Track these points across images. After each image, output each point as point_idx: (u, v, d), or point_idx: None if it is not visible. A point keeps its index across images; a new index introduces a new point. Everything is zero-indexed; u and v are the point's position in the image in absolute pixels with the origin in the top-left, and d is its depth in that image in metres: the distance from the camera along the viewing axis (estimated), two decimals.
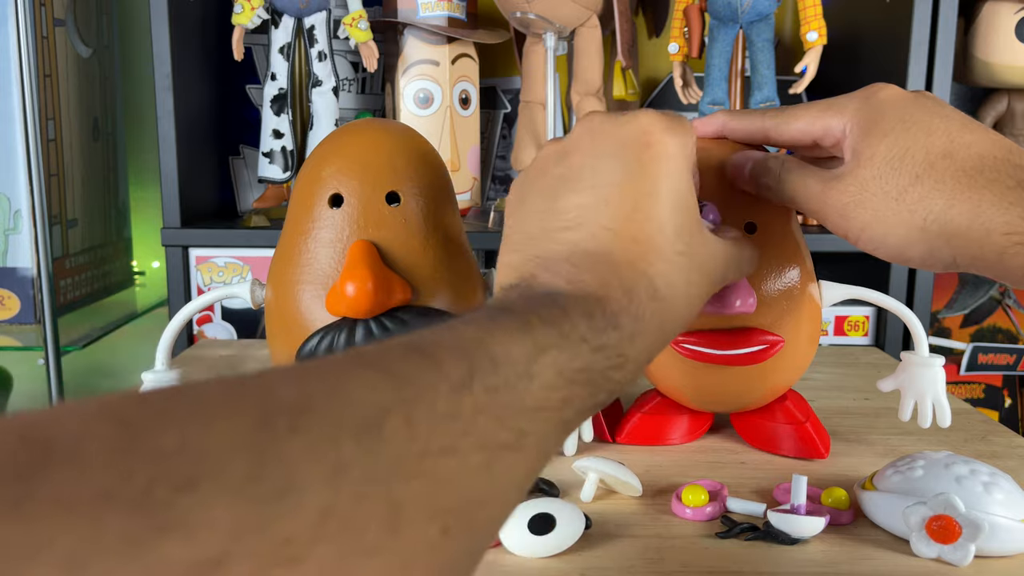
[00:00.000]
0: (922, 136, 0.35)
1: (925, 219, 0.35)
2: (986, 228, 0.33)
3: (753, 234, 0.46)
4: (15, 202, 0.94)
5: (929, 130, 0.36)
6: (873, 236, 0.37)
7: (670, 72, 1.08)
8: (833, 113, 0.39)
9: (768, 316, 0.47)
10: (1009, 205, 0.33)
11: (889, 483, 0.42)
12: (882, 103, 0.38)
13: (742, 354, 0.47)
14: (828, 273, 0.51)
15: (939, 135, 0.35)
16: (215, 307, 0.93)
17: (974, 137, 0.35)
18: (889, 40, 0.92)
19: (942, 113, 0.36)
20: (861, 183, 0.36)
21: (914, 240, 0.35)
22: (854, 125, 0.38)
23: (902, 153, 0.36)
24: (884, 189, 0.36)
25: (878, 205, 0.36)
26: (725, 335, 0.47)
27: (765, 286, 0.47)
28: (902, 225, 0.35)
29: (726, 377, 0.49)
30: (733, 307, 0.44)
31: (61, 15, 0.98)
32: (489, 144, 1.13)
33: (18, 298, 0.95)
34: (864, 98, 0.38)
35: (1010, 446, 0.55)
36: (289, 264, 0.46)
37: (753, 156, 0.44)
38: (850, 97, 0.39)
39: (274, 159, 0.91)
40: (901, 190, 0.35)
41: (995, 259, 0.33)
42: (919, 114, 0.36)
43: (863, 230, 0.37)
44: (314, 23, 0.90)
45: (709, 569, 0.39)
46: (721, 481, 0.47)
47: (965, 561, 0.39)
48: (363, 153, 0.46)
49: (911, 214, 0.35)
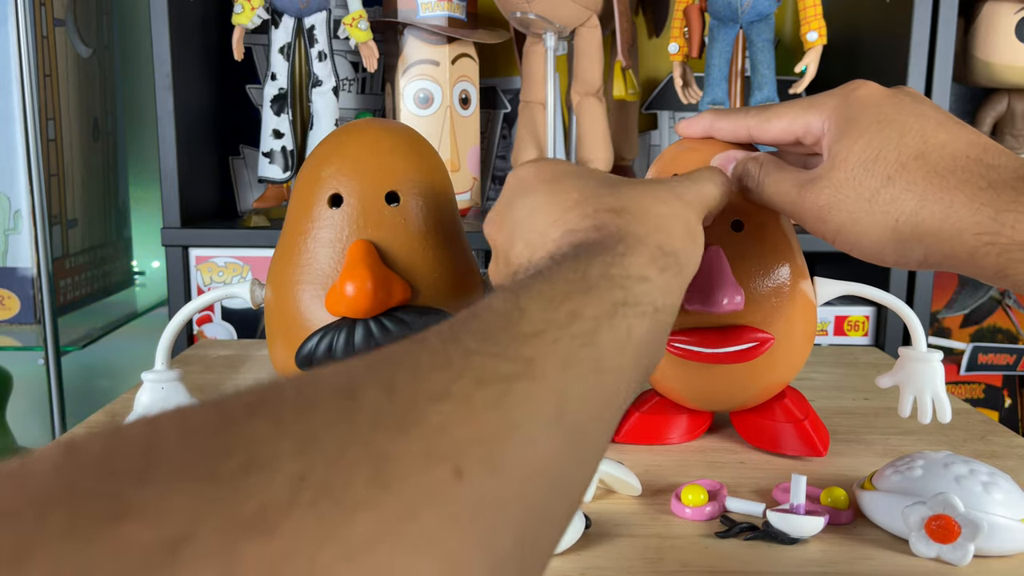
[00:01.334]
0: (895, 136, 0.36)
1: (897, 220, 0.35)
2: (957, 228, 0.33)
3: (740, 232, 0.47)
4: (15, 202, 0.94)
5: (903, 130, 0.36)
6: (848, 237, 0.37)
7: (670, 72, 1.09)
8: (813, 111, 0.39)
9: (758, 313, 0.47)
10: (980, 206, 0.33)
11: (888, 483, 0.43)
12: (859, 101, 0.38)
13: (732, 352, 0.47)
14: (828, 271, 0.51)
15: (913, 135, 0.36)
16: (215, 307, 0.93)
17: (948, 136, 0.35)
18: (889, 40, 0.92)
19: (918, 111, 0.36)
20: (835, 185, 0.37)
21: (887, 240, 0.36)
22: (831, 124, 0.38)
23: (875, 155, 0.36)
24: (857, 191, 0.36)
25: (852, 207, 0.36)
26: (715, 333, 0.47)
27: (754, 284, 0.47)
28: (875, 226, 0.36)
29: (719, 375, 0.49)
30: (720, 305, 0.44)
31: (61, 15, 0.98)
32: (489, 144, 1.13)
33: (18, 298, 0.95)
34: (843, 96, 0.39)
35: (1010, 446, 0.55)
36: (289, 264, 0.46)
37: (735, 157, 0.44)
38: (830, 94, 0.39)
39: (274, 159, 0.91)
40: (874, 192, 0.36)
41: (967, 258, 0.34)
42: (894, 113, 0.37)
43: (839, 232, 0.37)
44: (314, 23, 0.90)
45: (709, 569, 0.39)
46: (720, 481, 0.47)
47: (964, 561, 0.39)
48: (363, 153, 0.46)
49: (884, 215, 0.35)
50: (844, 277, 0.52)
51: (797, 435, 0.52)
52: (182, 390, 0.52)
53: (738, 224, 0.47)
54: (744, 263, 0.47)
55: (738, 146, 0.45)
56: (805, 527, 0.41)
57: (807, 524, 0.41)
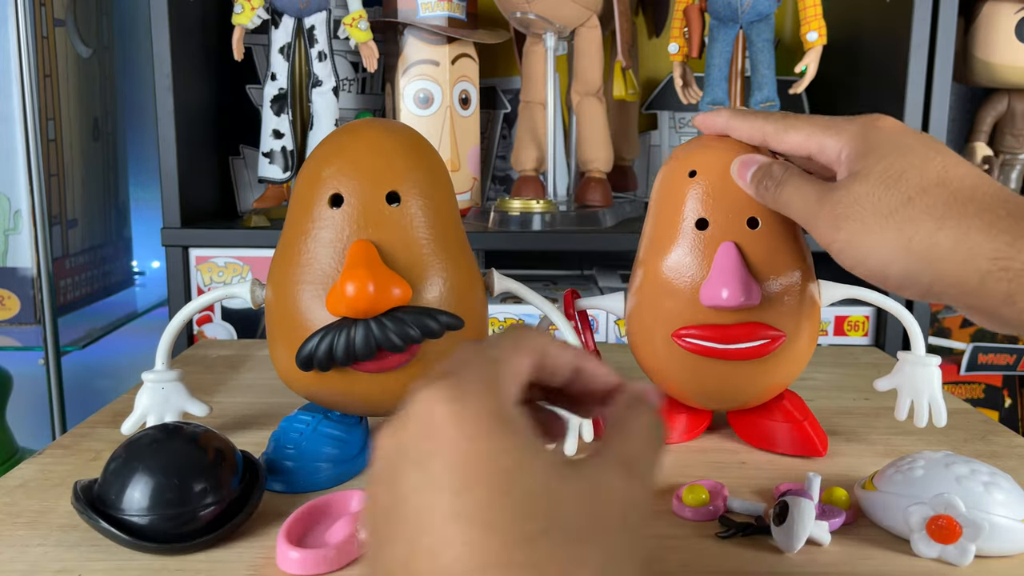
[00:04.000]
0: (918, 162, 0.36)
1: (911, 239, 0.35)
2: (972, 253, 0.34)
3: (755, 229, 0.47)
4: (15, 202, 0.94)
5: (925, 158, 0.37)
6: (857, 251, 0.37)
7: (670, 72, 1.09)
8: (831, 133, 0.40)
9: (770, 311, 0.47)
10: (998, 232, 0.33)
11: (889, 483, 0.42)
12: (881, 130, 0.39)
13: (744, 348, 0.47)
14: (830, 274, 0.51)
15: (934, 164, 0.36)
16: (215, 307, 0.93)
17: (967, 171, 0.36)
18: (889, 40, 0.92)
19: (937, 147, 0.37)
20: (855, 197, 0.37)
21: (897, 259, 0.36)
22: (851, 148, 0.39)
23: (897, 175, 0.36)
24: (876, 206, 0.36)
25: (868, 219, 0.36)
26: (727, 329, 0.47)
27: (768, 281, 0.47)
28: (888, 242, 0.36)
29: (726, 372, 0.49)
30: (737, 301, 0.44)
31: (61, 15, 0.98)
32: (489, 144, 1.13)
33: (18, 298, 0.95)
34: (864, 123, 0.40)
35: (1010, 446, 0.55)
36: (289, 264, 0.46)
37: (759, 160, 0.45)
38: (850, 120, 0.40)
39: (274, 159, 0.91)
40: (892, 209, 0.36)
41: (976, 283, 0.34)
42: (916, 144, 0.37)
43: (848, 242, 0.37)
44: (314, 23, 0.90)
45: (709, 569, 0.39)
46: (721, 481, 0.47)
47: (965, 561, 0.39)
48: (363, 153, 0.46)
49: (898, 232, 0.35)
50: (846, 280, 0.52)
51: (796, 435, 0.52)
52: (182, 390, 0.52)
53: (754, 221, 0.47)
54: (759, 260, 0.47)
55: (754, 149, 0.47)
56: (816, 531, 0.40)
57: (818, 529, 0.40)
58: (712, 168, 0.47)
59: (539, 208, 0.88)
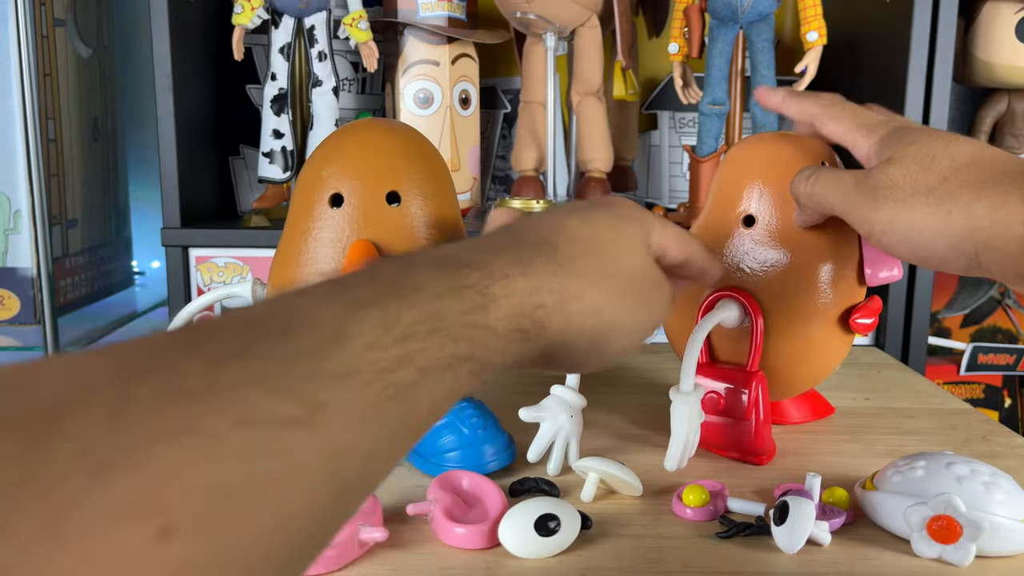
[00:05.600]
0: (948, 147, 0.38)
1: (950, 211, 0.36)
2: (1008, 220, 0.34)
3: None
4: (15, 202, 0.94)
5: (954, 143, 0.38)
6: (899, 229, 0.38)
7: (670, 72, 1.08)
8: (864, 132, 0.42)
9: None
10: None
11: (890, 483, 0.42)
12: (910, 126, 0.41)
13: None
14: None
15: (964, 148, 0.38)
16: (215, 307, 0.93)
17: (997, 152, 0.38)
18: (889, 40, 0.92)
19: (964, 139, 0.39)
20: (892, 179, 0.38)
21: (939, 232, 0.36)
22: (880, 145, 0.41)
23: (930, 157, 0.38)
24: (914, 185, 0.37)
25: (906, 198, 0.37)
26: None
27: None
28: (928, 217, 0.37)
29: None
30: (876, 278, 0.50)
31: (61, 15, 0.98)
32: (489, 144, 1.13)
33: (18, 298, 0.95)
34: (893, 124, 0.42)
35: (1010, 446, 0.55)
36: (289, 264, 0.46)
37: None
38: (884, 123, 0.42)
39: (274, 159, 0.90)
40: (930, 186, 0.37)
41: (1015, 249, 0.34)
42: (944, 134, 0.39)
43: (891, 221, 0.38)
44: (314, 23, 0.90)
45: (709, 569, 0.39)
46: (721, 481, 0.47)
47: (966, 561, 0.39)
48: (363, 153, 0.46)
49: (937, 207, 0.36)
50: None
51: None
52: None
53: None
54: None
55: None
56: (817, 531, 0.40)
57: (818, 530, 0.40)
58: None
59: (539, 208, 0.88)
